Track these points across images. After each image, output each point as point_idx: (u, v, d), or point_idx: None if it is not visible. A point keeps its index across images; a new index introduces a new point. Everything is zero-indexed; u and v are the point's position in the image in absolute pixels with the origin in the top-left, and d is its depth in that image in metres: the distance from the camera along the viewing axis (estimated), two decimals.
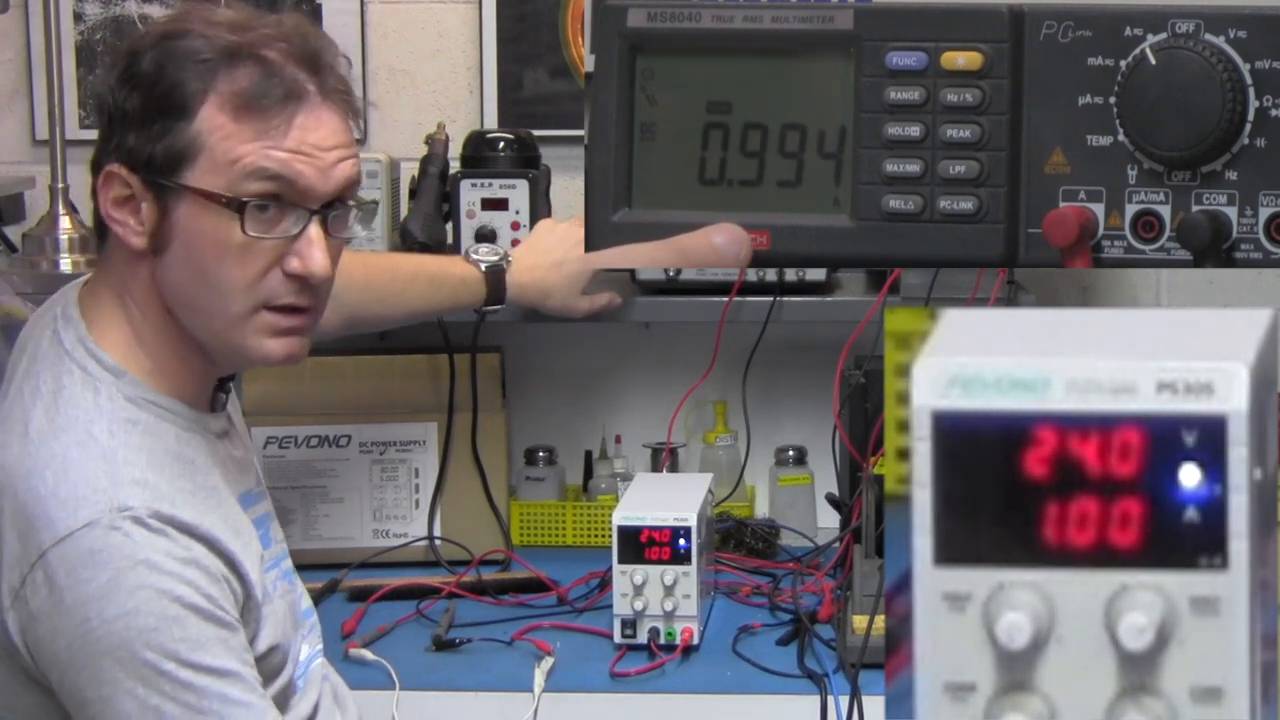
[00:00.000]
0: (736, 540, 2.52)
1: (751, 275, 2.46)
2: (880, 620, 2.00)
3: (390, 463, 2.51)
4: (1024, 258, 1.59)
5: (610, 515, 2.12)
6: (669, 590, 2.10)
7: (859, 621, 2.06)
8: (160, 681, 1.43)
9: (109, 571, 1.43)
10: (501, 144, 2.54)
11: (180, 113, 1.54)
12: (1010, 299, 2.38)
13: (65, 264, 2.50)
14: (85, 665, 1.43)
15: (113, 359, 1.56)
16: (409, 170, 2.54)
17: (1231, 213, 1.54)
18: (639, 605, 2.12)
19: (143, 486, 1.48)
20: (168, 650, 1.43)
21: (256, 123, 1.53)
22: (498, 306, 2.28)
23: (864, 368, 2.29)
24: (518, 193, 2.49)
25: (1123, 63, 1.54)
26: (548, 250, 2.32)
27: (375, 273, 2.12)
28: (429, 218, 2.46)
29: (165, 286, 1.58)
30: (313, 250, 1.56)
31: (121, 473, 1.48)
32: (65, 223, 2.52)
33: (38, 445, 1.50)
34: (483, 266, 2.27)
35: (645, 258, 1.54)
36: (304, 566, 1.85)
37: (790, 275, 2.47)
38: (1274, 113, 1.52)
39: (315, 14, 2.70)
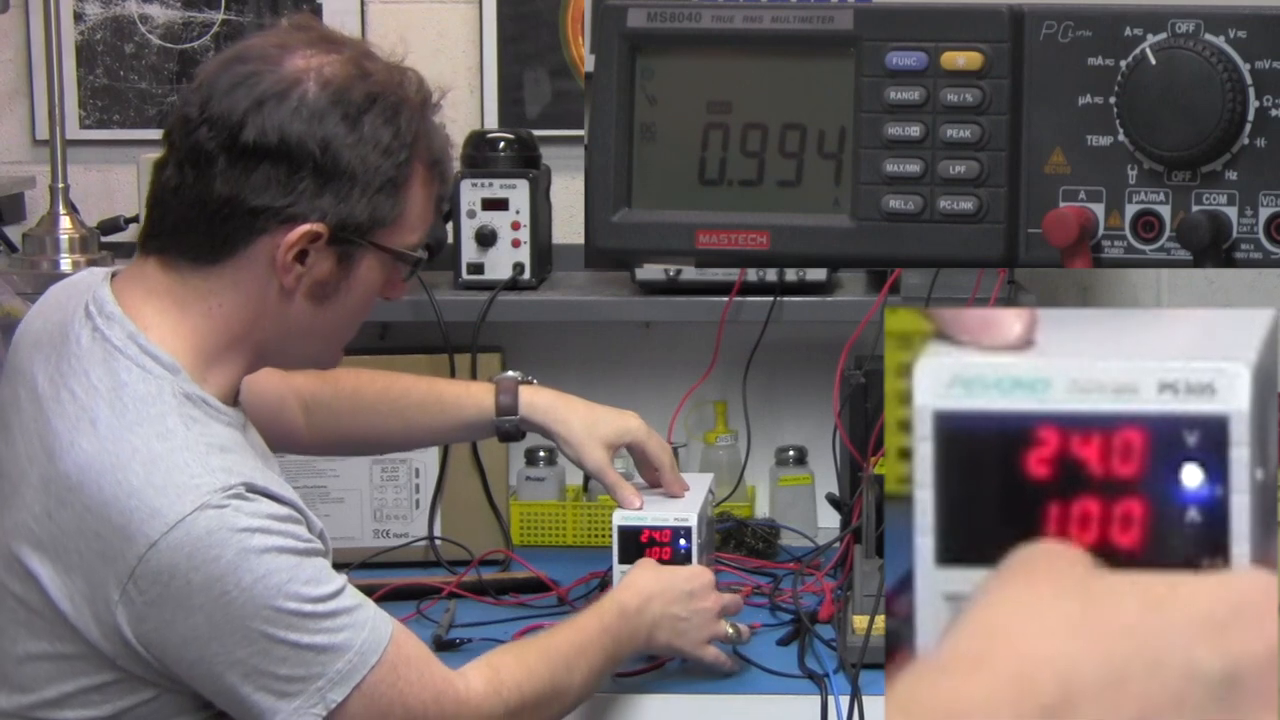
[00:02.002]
0: (737, 540, 2.51)
1: (751, 275, 2.46)
2: (881, 620, 2.00)
3: (390, 462, 2.51)
4: (1024, 258, 1.60)
5: (610, 515, 2.12)
6: None
7: (859, 621, 2.06)
8: (305, 622, 1.53)
9: (232, 547, 1.50)
10: (501, 144, 2.54)
11: (405, 185, 1.63)
12: (1010, 299, 2.38)
13: (65, 264, 2.50)
14: (230, 633, 1.51)
15: (167, 356, 1.58)
16: None
17: (1231, 213, 1.54)
18: None
19: (228, 470, 1.54)
20: (302, 595, 1.53)
21: (434, 189, 1.68)
22: (513, 418, 2.10)
23: (864, 368, 2.29)
24: (518, 193, 2.49)
25: (1123, 63, 1.54)
26: (583, 402, 2.17)
27: (365, 382, 2.11)
28: None
29: (293, 321, 1.63)
30: (403, 284, 1.73)
31: (208, 460, 1.54)
32: (65, 223, 2.52)
33: (114, 441, 1.52)
34: (494, 379, 2.14)
35: None
36: None
37: (790, 275, 2.47)
38: (1274, 113, 1.52)
39: (316, 14, 2.70)
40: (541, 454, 2.64)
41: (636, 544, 2.07)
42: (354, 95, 1.58)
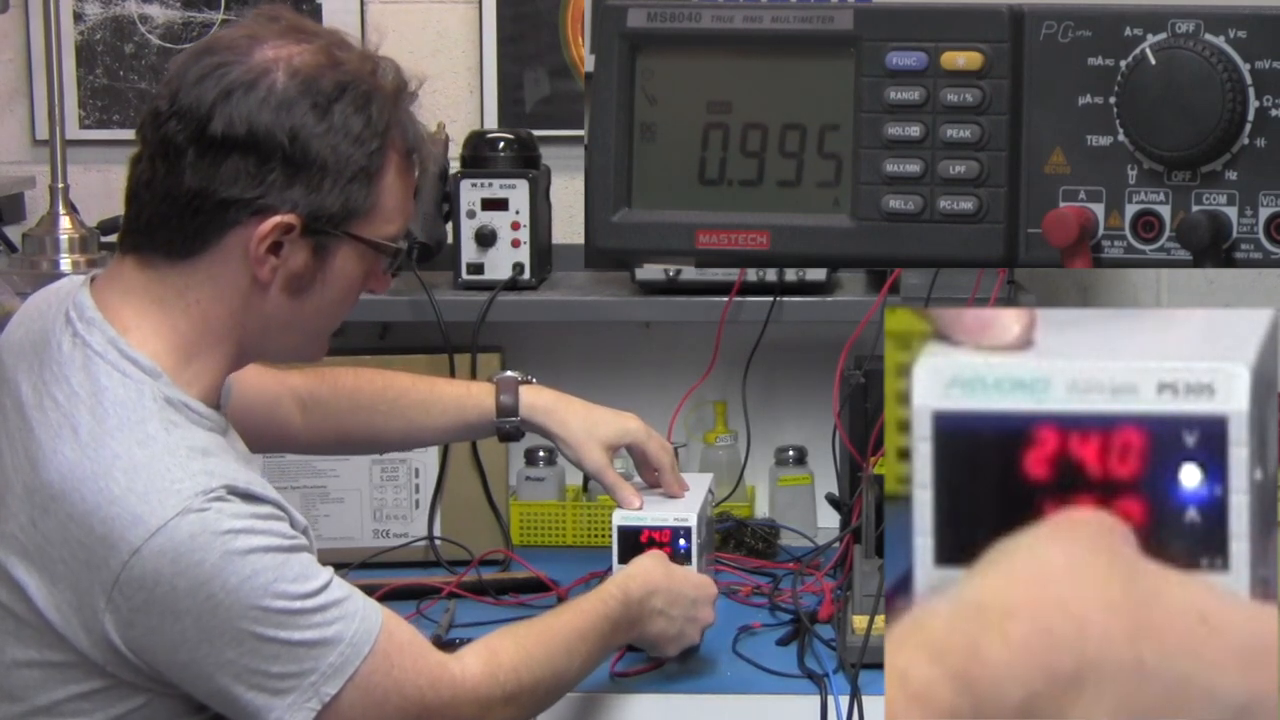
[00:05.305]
0: (736, 540, 2.52)
1: (751, 275, 2.46)
2: (880, 620, 2.00)
3: (390, 462, 2.51)
4: (1024, 258, 1.60)
5: (610, 515, 2.12)
6: None
7: (859, 621, 2.06)
8: (294, 619, 1.53)
9: (215, 550, 1.49)
10: (501, 144, 2.55)
11: (378, 174, 1.61)
12: (1010, 299, 2.38)
13: (65, 264, 2.50)
14: (219, 635, 1.51)
15: (148, 360, 1.57)
16: None
17: (1231, 213, 1.54)
18: None
19: (209, 474, 1.53)
20: (289, 592, 1.53)
21: (412, 179, 1.66)
22: (513, 419, 2.10)
23: (864, 368, 2.29)
24: (518, 193, 2.49)
25: (1123, 63, 1.54)
26: (582, 403, 2.17)
27: (364, 381, 2.10)
28: (429, 218, 2.47)
29: (271, 314, 1.62)
30: (386, 276, 1.70)
31: (188, 464, 1.53)
32: (65, 223, 2.52)
33: (95, 448, 1.52)
34: (494, 378, 2.14)
35: None
36: None
37: (790, 275, 2.47)
38: (1274, 113, 1.52)
39: (315, 14, 2.70)
40: (541, 454, 2.65)
41: (636, 544, 2.07)
42: (323, 84, 1.57)
